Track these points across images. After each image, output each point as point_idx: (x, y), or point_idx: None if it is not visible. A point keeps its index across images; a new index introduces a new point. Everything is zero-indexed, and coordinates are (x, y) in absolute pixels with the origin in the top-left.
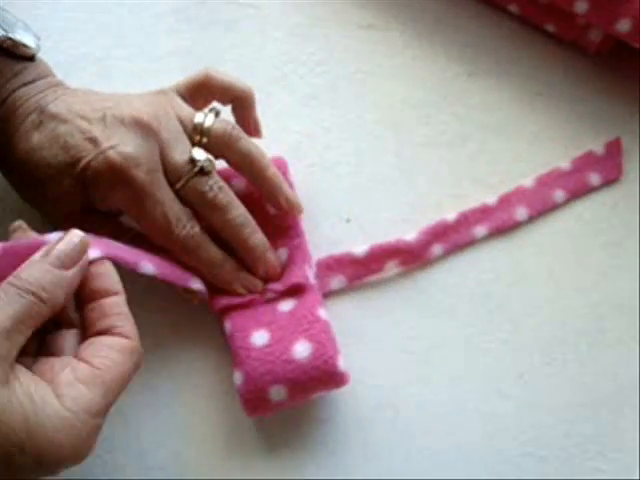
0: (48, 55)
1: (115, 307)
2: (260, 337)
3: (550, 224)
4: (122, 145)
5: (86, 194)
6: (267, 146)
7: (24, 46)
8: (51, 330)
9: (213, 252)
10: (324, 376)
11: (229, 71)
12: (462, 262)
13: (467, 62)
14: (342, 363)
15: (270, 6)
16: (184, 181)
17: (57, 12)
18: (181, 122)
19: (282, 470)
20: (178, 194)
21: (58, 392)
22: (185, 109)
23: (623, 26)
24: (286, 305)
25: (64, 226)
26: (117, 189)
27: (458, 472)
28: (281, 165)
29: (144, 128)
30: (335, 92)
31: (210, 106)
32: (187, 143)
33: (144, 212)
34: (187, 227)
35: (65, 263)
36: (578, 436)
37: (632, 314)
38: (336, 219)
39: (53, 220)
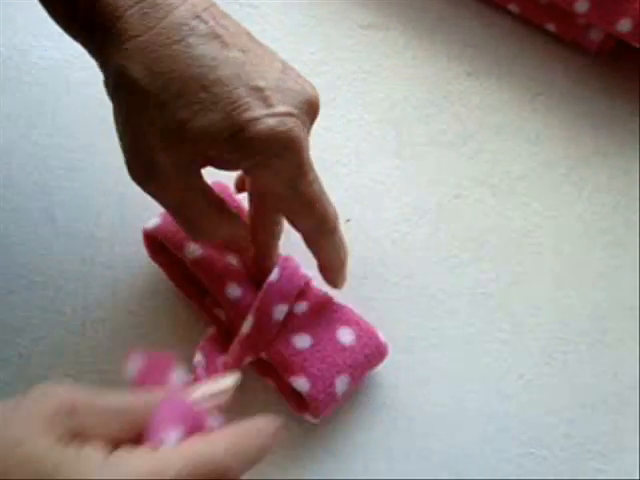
0: (48, 55)
1: None
2: (302, 340)
3: (550, 224)
4: (298, 117)
5: (230, 154)
6: None
7: None
8: None
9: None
10: (374, 352)
11: None
12: (462, 262)
13: (467, 62)
14: (381, 335)
15: (270, 6)
16: None
17: None
18: None
19: (282, 470)
20: None
21: None
22: None
23: (623, 26)
24: (299, 307)
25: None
26: (284, 159)
27: (458, 472)
28: (224, 189)
29: (311, 110)
30: (335, 92)
31: None
32: None
33: (303, 187)
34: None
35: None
36: (578, 436)
37: (632, 314)
38: None
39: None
